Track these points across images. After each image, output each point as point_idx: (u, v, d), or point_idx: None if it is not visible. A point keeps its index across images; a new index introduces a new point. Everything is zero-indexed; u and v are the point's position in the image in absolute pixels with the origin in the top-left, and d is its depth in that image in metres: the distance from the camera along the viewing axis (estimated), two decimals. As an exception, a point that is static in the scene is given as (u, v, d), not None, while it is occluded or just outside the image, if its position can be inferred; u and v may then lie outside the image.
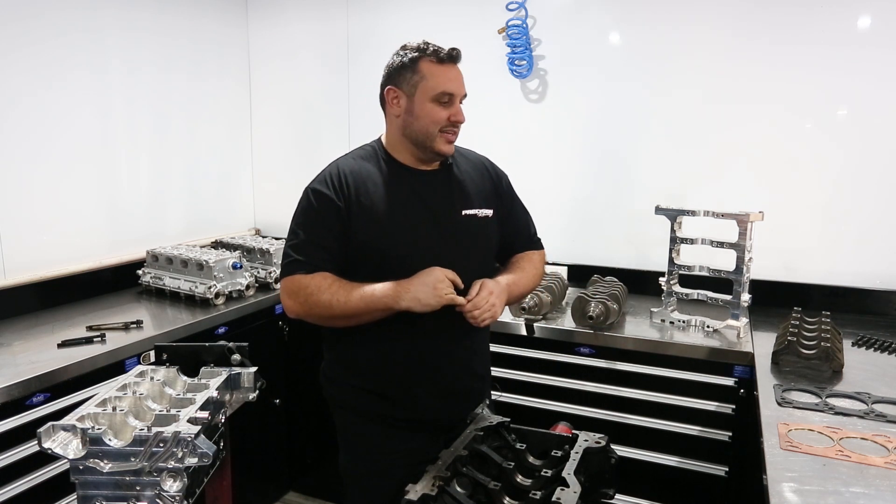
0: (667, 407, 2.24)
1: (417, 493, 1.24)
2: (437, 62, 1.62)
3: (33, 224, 2.57)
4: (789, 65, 2.51)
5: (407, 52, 1.65)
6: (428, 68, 1.62)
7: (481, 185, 1.79)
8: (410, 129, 1.67)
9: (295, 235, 1.67)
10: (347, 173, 1.68)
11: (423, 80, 1.63)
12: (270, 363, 2.83)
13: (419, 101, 1.64)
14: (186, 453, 1.16)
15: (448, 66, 1.64)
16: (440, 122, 1.64)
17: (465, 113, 1.68)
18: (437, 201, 1.70)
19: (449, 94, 1.63)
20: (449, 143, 1.68)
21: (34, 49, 2.51)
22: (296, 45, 3.45)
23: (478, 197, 1.76)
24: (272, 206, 3.69)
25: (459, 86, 1.66)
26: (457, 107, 1.66)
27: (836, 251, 2.56)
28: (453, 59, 1.65)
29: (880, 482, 1.34)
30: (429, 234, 1.67)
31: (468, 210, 1.73)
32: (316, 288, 1.61)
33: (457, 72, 1.66)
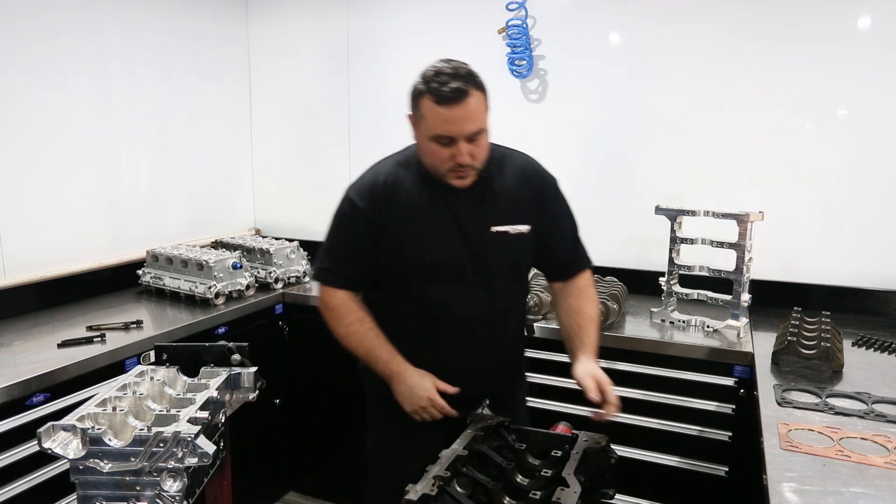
0: (667, 407, 2.24)
1: (417, 493, 1.24)
2: (436, 102, 1.53)
3: (33, 224, 2.57)
4: (789, 65, 2.51)
5: (417, 81, 1.59)
6: (427, 107, 1.55)
7: (520, 198, 1.70)
8: (423, 159, 1.65)
9: (331, 240, 1.77)
10: (384, 184, 1.68)
11: (423, 118, 1.58)
12: (270, 363, 2.83)
13: (422, 138, 1.61)
14: (186, 453, 1.16)
15: (448, 106, 1.52)
16: (443, 161, 1.58)
17: None
18: (468, 217, 1.66)
19: (447, 137, 1.55)
20: (460, 179, 1.61)
21: (34, 49, 2.51)
22: (296, 45, 3.45)
23: (513, 212, 1.69)
24: (272, 206, 3.69)
25: (461, 127, 1.53)
26: (460, 147, 1.55)
27: (836, 251, 2.56)
28: (454, 99, 1.51)
29: (880, 482, 1.34)
30: (457, 251, 1.66)
31: (499, 227, 1.67)
32: (337, 316, 1.75)
33: (460, 111, 1.52)
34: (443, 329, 1.70)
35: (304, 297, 2.88)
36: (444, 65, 1.57)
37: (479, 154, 1.60)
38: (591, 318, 1.74)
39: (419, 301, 1.70)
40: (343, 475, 2.97)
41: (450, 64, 1.57)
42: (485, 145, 1.61)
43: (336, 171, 3.46)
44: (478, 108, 1.55)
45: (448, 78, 1.52)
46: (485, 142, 1.61)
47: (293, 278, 2.99)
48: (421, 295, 1.69)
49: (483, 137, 1.59)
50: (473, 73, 1.58)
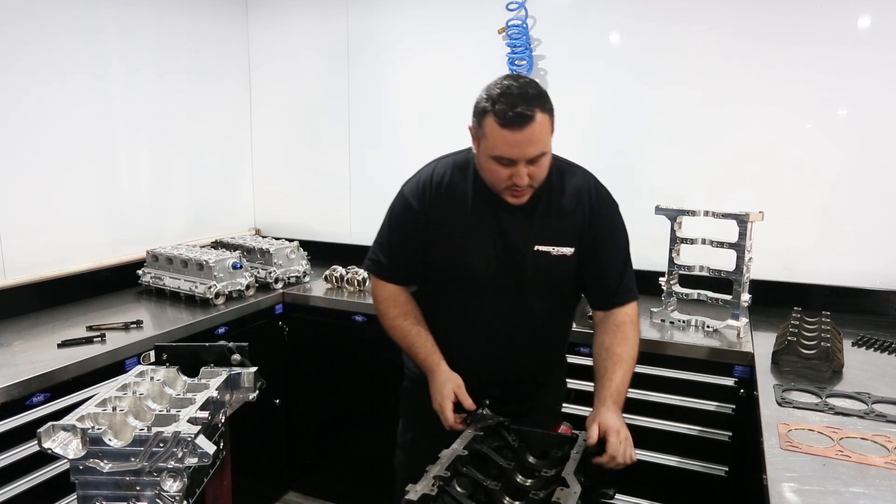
0: (667, 407, 2.24)
1: (417, 494, 1.24)
2: (500, 124, 1.49)
3: (33, 224, 2.57)
4: (790, 65, 2.51)
5: (483, 97, 1.54)
6: (490, 127, 1.51)
7: (569, 219, 1.67)
8: (481, 173, 1.64)
9: (383, 233, 1.81)
10: (438, 185, 1.70)
11: (485, 137, 1.54)
12: (270, 363, 2.83)
13: (482, 154, 1.58)
14: (186, 453, 1.16)
15: (512, 130, 1.48)
16: (501, 181, 1.57)
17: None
18: (514, 232, 1.66)
19: (508, 159, 1.52)
20: (516, 197, 1.59)
21: (34, 49, 2.51)
22: (296, 45, 3.45)
23: (560, 233, 1.67)
24: (272, 206, 3.69)
25: (523, 151, 1.51)
26: (520, 170, 1.53)
27: (836, 251, 2.56)
28: (518, 124, 1.48)
29: (880, 482, 1.33)
30: (497, 264, 1.67)
31: (542, 246, 1.66)
32: (384, 310, 1.79)
33: (524, 136, 1.49)
34: (469, 334, 1.74)
35: (304, 297, 2.88)
36: (511, 83, 1.52)
37: (539, 175, 1.58)
38: (621, 359, 1.64)
39: (452, 303, 1.74)
40: (343, 475, 2.97)
41: (517, 83, 1.52)
42: (545, 166, 1.58)
43: (336, 171, 3.47)
44: (542, 132, 1.52)
45: (515, 100, 1.48)
46: (545, 163, 1.58)
47: (293, 278, 2.99)
48: (455, 298, 1.74)
49: (545, 159, 1.56)
50: (541, 95, 1.53)
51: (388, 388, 2.61)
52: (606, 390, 1.59)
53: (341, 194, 3.48)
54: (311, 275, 3.07)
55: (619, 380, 1.61)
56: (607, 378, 1.61)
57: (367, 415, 2.83)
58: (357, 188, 3.44)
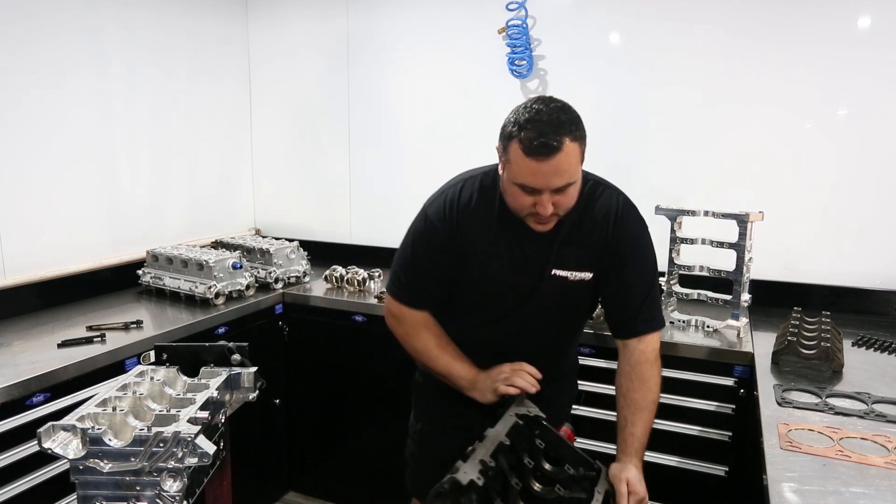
0: (667, 407, 2.23)
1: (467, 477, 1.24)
2: (525, 152, 1.43)
3: (33, 224, 2.57)
4: (790, 64, 2.51)
5: (510, 121, 1.50)
6: (515, 153, 1.46)
7: (591, 244, 1.63)
8: (505, 196, 1.59)
9: (405, 255, 1.73)
10: (463, 206, 1.65)
11: (510, 162, 1.49)
12: (270, 363, 2.83)
13: (507, 179, 1.54)
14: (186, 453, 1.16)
15: (537, 159, 1.43)
16: (524, 207, 1.52)
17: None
18: (534, 255, 1.63)
19: (531, 187, 1.48)
20: (539, 224, 1.55)
21: (34, 49, 2.51)
22: (296, 45, 3.45)
23: (580, 257, 1.63)
24: (272, 206, 3.69)
25: (547, 181, 1.45)
26: (543, 199, 1.48)
27: (836, 251, 2.56)
28: (544, 154, 1.42)
29: (880, 482, 1.33)
30: (515, 287, 1.66)
31: (559, 271, 1.63)
32: (413, 331, 1.74)
33: (549, 166, 1.43)
34: (482, 347, 1.73)
35: (304, 297, 2.88)
36: (541, 107, 1.46)
37: (565, 204, 1.52)
38: (640, 407, 1.61)
39: (467, 318, 1.74)
40: (343, 475, 2.97)
41: (547, 108, 1.47)
42: (572, 195, 1.53)
43: (336, 171, 3.47)
44: (569, 163, 1.45)
45: (543, 127, 1.42)
46: (573, 192, 1.52)
47: (293, 278, 2.99)
48: (471, 314, 1.73)
49: (572, 189, 1.51)
50: (572, 122, 1.47)
51: (388, 387, 2.62)
52: (630, 447, 1.58)
53: (341, 194, 3.48)
54: (311, 275, 3.07)
55: (639, 432, 1.59)
56: (628, 432, 1.59)
57: (368, 414, 2.83)
58: (357, 188, 3.44)
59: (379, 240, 3.37)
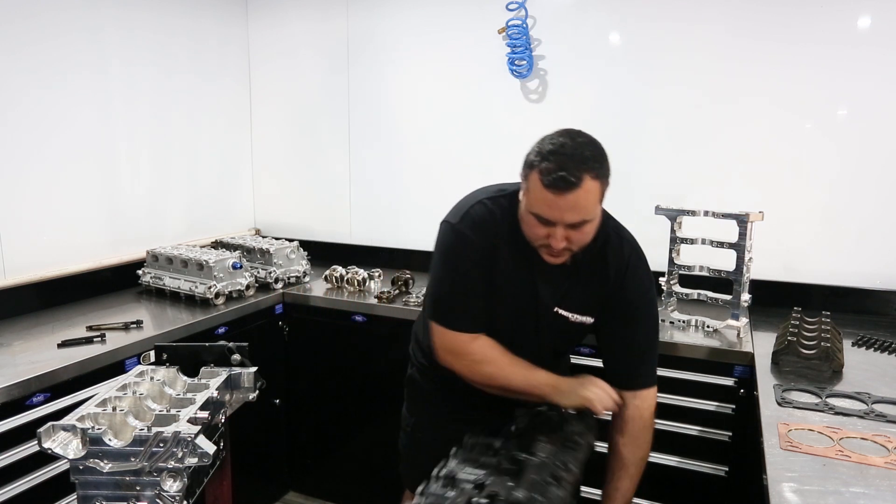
0: (667, 407, 2.24)
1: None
2: (543, 184, 1.43)
3: (33, 224, 2.57)
4: (790, 64, 2.51)
5: (534, 150, 1.49)
6: (533, 183, 1.46)
7: (596, 292, 1.64)
8: (521, 222, 1.57)
9: (447, 279, 1.62)
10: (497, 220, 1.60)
11: (528, 191, 1.49)
12: (270, 363, 2.83)
13: (524, 206, 1.53)
14: (186, 453, 1.17)
15: (554, 193, 1.42)
16: (537, 238, 1.52)
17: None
18: (543, 292, 1.63)
19: (545, 219, 1.47)
20: (552, 256, 1.54)
21: (34, 49, 2.51)
22: (296, 45, 3.45)
23: (583, 302, 1.64)
24: (272, 206, 3.69)
25: (562, 215, 1.44)
26: (557, 232, 1.47)
27: (836, 251, 2.56)
28: (560, 188, 1.41)
29: (880, 482, 1.33)
30: (519, 323, 1.65)
31: (563, 311, 1.64)
32: (481, 357, 1.61)
33: (565, 201, 1.42)
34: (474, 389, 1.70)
35: (304, 297, 2.88)
36: (566, 141, 1.45)
37: (579, 240, 1.52)
38: (627, 464, 1.65)
39: None
40: (343, 475, 2.97)
41: (573, 141, 1.46)
42: (588, 233, 1.52)
43: (336, 171, 3.47)
44: (586, 200, 1.44)
45: (565, 161, 1.41)
46: (589, 230, 1.51)
47: (293, 278, 2.99)
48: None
49: (588, 226, 1.50)
50: (595, 159, 1.45)
51: (388, 387, 2.61)
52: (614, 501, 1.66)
53: (341, 194, 3.48)
54: (311, 275, 3.07)
55: (624, 488, 1.65)
56: (613, 486, 1.67)
57: (367, 415, 2.83)
58: (357, 188, 3.44)
59: (379, 240, 3.38)
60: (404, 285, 2.80)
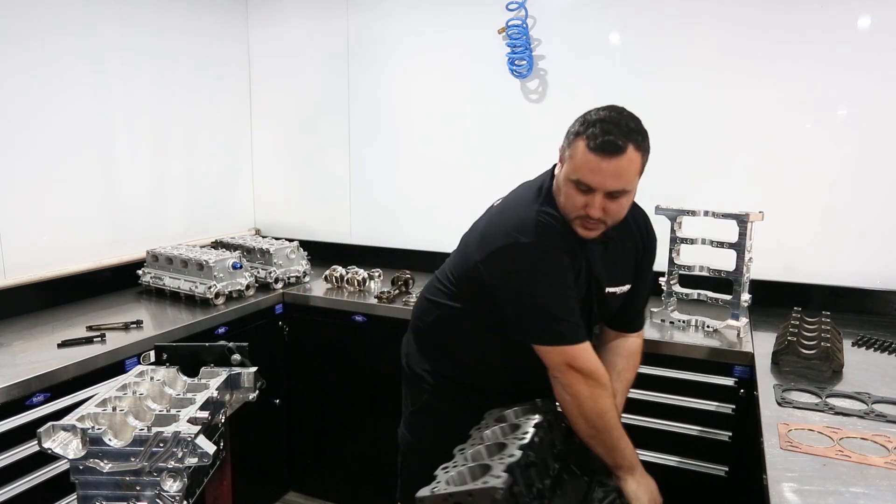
0: (667, 407, 2.24)
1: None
2: (588, 148, 1.45)
3: (33, 224, 2.57)
4: (790, 63, 2.51)
5: (579, 120, 1.52)
6: (578, 148, 1.48)
7: (631, 257, 1.72)
8: (557, 196, 1.58)
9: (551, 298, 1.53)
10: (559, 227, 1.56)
11: (571, 158, 1.51)
12: (270, 363, 2.83)
13: (563, 176, 1.54)
14: (186, 453, 1.17)
15: (599, 156, 1.45)
16: (575, 208, 1.51)
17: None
18: (597, 276, 1.64)
19: (587, 185, 1.48)
20: (586, 229, 1.54)
21: (33, 47, 2.51)
22: (296, 44, 3.45)
23: (624, 273, 1.71)
24: (272, 206, 3.69)
25: (604, 180, 1.46)
26: (595, 199, 1.48)
27: (836, 251, 2.56)
28: (606, 152, 1.44)
29: (880, 482, 1.33)
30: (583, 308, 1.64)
31: (611, 288, 1.68)
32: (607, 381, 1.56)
33: (609, 165, 1.44)
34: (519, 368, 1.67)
35: (304, 297, 2.88)
36: (612, 113, 1.50)
37: (615, 213, 1.53)
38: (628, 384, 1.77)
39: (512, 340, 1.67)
40: (343, 475, 2.97)
41: (620, 115, 1.50)
42: (624, 206, 1.54)
43: (336, 171, 3.47)
44: (629, 168, 1.47)
45: (611, 128, 1.46)
46: (625, 203, 1.54)
47: (293, 278, 2.99)
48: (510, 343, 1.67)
49: (624, 198, 1.52)
50: (639, 131, 1.49)
51: (388, 388, 2.61)
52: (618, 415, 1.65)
53: (341, 194, 3.48)
54: (311, 275, 3.07)
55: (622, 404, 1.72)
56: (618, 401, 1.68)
57: (367, 415, 2.83)
58: (357, 188, 3.44)
59: (379, 240, 3.38)
60: (404, 285, 2.80)
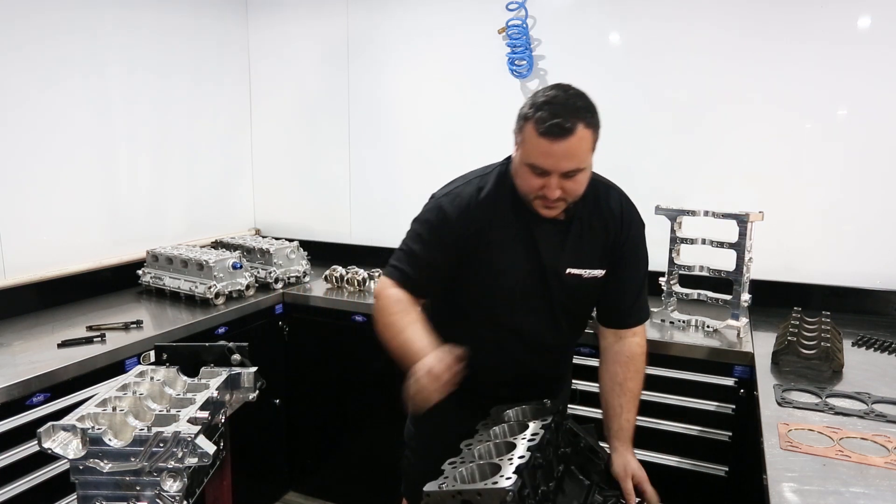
0: (667, 407, 2.24)
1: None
2: (538, 132, 1.46)
3: (33, 224, 2.57)
4: (789, 64, 2.51)
5: (527, 103, 1.52)
6: (528, 133, 1.49)
7: (601, 241, 1.67)
8: (515, 180, 1.60)
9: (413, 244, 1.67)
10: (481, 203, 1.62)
11: (523, 143, 1.52)
12: (270, 363, 2.83)
13: (518, 159, 1.56)
14: (186, 453, 1.17)
15: (549, 140, 1.45)
16: (532, 190, 1.53)
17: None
18: (548, 253, 1.63)
19: (541, 168, 1.49)
20: (547, 209, 1.56)
21: (34, 49, 2.51)
22: (296, 45, 3.45)
23: (591, 255, 1.66)
24: (272, 206, 3.69)
25: (557, 162, 1.47)
26: (552, 181, 1.49)
27: (836, 251, 2.56)
28: (555, 135, 1.44)
29: (880, 482, 1.33)
30: (528, 284, 1.65)
31: (574, 269, 1.65)
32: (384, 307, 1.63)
33: (560, 147, 1.45)
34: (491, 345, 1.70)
35: (304, 297, 2.88)
36: (559, 93, 1.49)
37: (573, 190, 1.54)
38: (634, 395, 1.68)
39: (478, 315, 1.71)
40: (343, 475, 2.97)
41: (566, 93, 1.49)
42: (581, 182, 1.54)
43: (336, 171, 3.47)
44: (580, 147, 1.48)
45: (559, 109, 1.45)
46: (582, 179, 1.54)
47: (293, 278, 2.99)
48: (482, 312, 1.70)
49: (581, 175, 1.53)
50: (588, 109, 1.49)
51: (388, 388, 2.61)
52: (626, 433, 1.65)
53: (341, 194, 3.48)
54: (311, 275, 3.07)
55: (633, 417, 1.67)
56: (624, 419, 1.65)
57: (367, 415, 2.83)
58: (357, 188, 3.44)
59: (379, 240, 3.37)
60: (404, 285, 2.80)
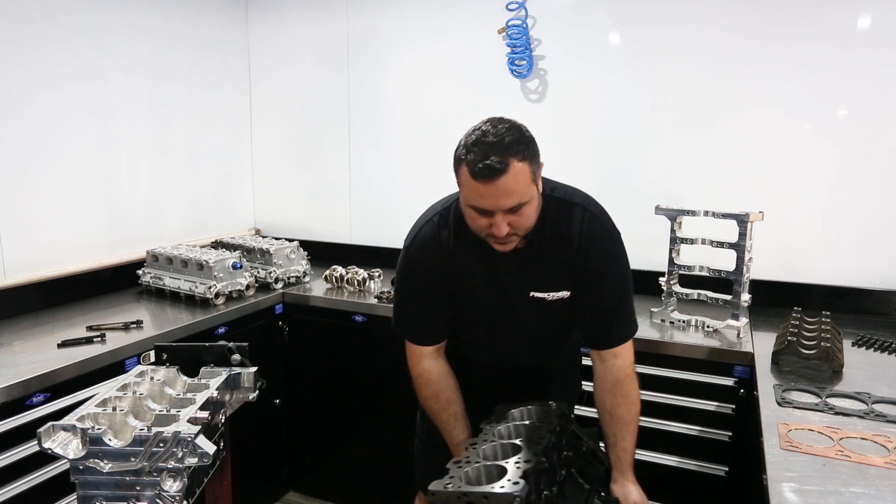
0: (667, 407, 2.24)
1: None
2: (471, 175, 1.43)
3: (33, 224, 2.57)
4: (789, 65, 2.51)
5: (460, 144, 1.49)
6: (464, 176, 1.46)
7: (563, 260, 1.61)
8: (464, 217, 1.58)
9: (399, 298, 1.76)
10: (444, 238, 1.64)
11: (461, 185, 1.50)
12: (270, 363, 2.83)
13: (462, 202, 1.54)
14: (186, 453, 1.16)
15: (481, 182, 1.41)
16: (480, 229, 1.52)
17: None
18: (510, 280, 1.63)
19: (481, 209, 1.47)
20: (500, 245, 1.53)
21: (35, 52, 2.51)
22: (296, 47, 3.45)
23: (555, 277, 1.63)
24: (272, 207, 3.69)
25: (496, 202, 1.44)
26: (496, 219, 1.46)
27: (836, 251, 2.56)
28: (486, 176, 1.40)
29: (880, 482, 1.34)
30: (499, 312, 1.67)
31: (537, 293, 1.63)
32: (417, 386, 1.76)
33: (495, 189, 1.41)
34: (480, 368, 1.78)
35: (304, 297, 2.88)
36: (488, 129, 1.44)
37: (521, 224, 1.50)
38: (626, 422, 1.62)
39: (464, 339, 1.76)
40: (343, 475, 2.97)
41: (495, 129, 1.44)
42: (528, 215, 1.50)
43: (336, 172, 3.47)
44: (517, 182, 1.42)
45: (488, 149, 1.40)
46: (528, 212, 1.50)
47: (293, 278, 2.99)
48: (470, 339, 1.76)
49: (526, 209, 1.48)
50: (519, 142, 1.43)
51: (388, 387, 2.62)
52: (624, 462, 1.62)
53: (341, 194, 3.48)
54: (311, 275, 3.07)
55: (629, 447, 1.63)
56: (620, 447, 1.62)
57: (367, 415, 2.83)
58: (357, 188, 3.44)
59: (379, 240, 3.38)
60: (404, 285, 2.80)
